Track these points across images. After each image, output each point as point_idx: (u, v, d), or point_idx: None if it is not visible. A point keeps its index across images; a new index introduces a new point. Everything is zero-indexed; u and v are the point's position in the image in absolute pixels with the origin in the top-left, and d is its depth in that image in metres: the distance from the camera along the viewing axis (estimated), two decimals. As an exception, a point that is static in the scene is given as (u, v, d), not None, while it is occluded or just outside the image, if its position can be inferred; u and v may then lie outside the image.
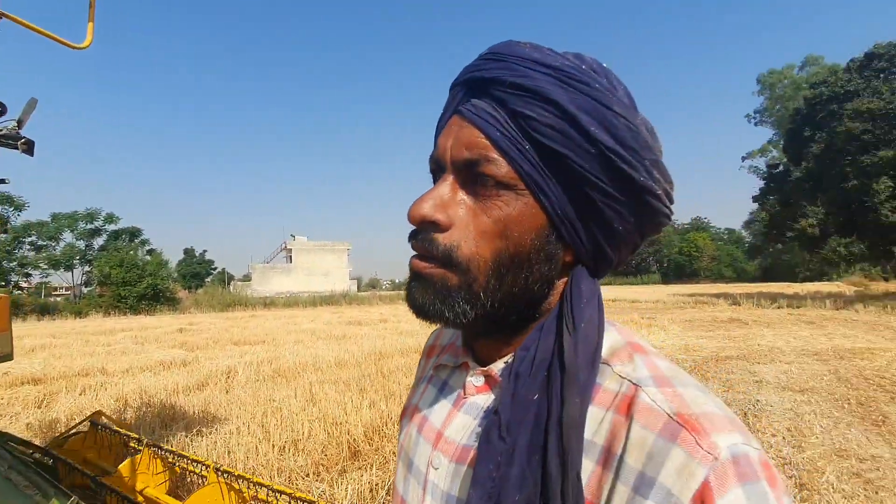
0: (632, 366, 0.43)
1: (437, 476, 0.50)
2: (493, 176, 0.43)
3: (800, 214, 22.78)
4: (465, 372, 0.54)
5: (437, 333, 0.69)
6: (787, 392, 5.48)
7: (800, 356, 7.60)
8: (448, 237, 0.44)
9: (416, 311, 0.46)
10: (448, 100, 0.49)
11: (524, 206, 0.43)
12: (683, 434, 0.36)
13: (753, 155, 50.17)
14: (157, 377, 6.84)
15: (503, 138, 0.43)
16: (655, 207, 0.45)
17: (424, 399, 0.59)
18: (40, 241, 32.21)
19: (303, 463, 3.65)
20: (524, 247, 0.44)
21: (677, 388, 0.40)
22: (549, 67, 0.42)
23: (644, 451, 0.36)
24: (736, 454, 0.34)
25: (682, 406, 0.38)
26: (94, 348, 10.19)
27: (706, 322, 12.86)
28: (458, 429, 0.51)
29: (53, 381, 6.76)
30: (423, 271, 0.45)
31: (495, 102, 0.44)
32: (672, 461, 0.35)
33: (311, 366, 7.52)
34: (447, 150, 0.46)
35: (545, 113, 0.41)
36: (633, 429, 0.38)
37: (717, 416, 0.37)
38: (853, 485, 3.18)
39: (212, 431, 4.32)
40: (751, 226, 58.63)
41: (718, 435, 0.35)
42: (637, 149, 0.42)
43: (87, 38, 1.98)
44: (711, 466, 0.34)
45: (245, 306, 29.08)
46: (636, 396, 0.40)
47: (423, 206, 0.45)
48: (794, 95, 41.72)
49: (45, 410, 5.25)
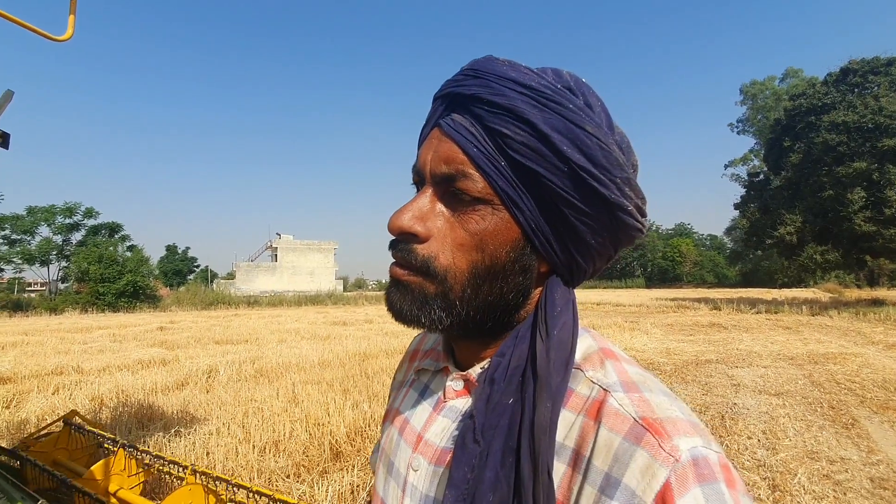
0: (603, 371, 0.45)
1: (416, 478, 0.51)
2: (470, 191, 0.44)
3: (779, 222, 23.25)
4: (446, 376, 0.55)
5: (421, 338, 0.70)
6: (763, 395, 5.60)
7: (776, 360, 7.77)
8: (426, 248, 0.46)
9: (395, 315, 0.48)
10: (430, 111, 0.51)
11: (499, 220, 0.45)
12: (647, 437, 0.37)
13: (736, 163, 51.14)
14: (136, 376, 6.70)
15: (479, 155, 0.44)
16: (627, 222, 0.47)
17: (406, 403, 0.61)
18: (14, 234, 31.28)
19: (283, 464, 3.61)
20: (499, 259, 0.45)
21: (644, 393, 0.41)
22: (525, 87, 0.43)
23: (610, 453, 0.38)
24: (696, 456, 0.36)
25: (647, 410, 0.39)
26: (70, 346, 9.94)
27: (687, 326, 13.07)
28: (437, 432, 0.52)
29: (24, 380, 6.57)
30: (402, 278, 0.47)
31: (473, 118, 0.45)
32: (636, 463, 0.36)
33: (295, 366, 7.45)
34: (427, 163, 0.48)
35: (519, 131, 0.43)
36: (601, 432, 0.39)
37: (680, 420, 0.39)
38: (823, 486, 3.26)
39: (190, 432, 4.25)
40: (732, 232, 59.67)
41: (680, 438, 0.37)
42: (608, 167, 0.44)
43: (68, 31, 1.94)
44: (672, 468, 0.35)
45: (228, 305, 28.70)
46: (605, 401, 0.41)
47: (402, 217, 0.46)
48: (775, 106, 42.68)
49: (14, 411, 5.10)
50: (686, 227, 75.35)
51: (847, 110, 20.75)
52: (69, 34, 1.91)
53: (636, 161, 0.49)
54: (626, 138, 0.48)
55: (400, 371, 0.72)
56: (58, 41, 1.88)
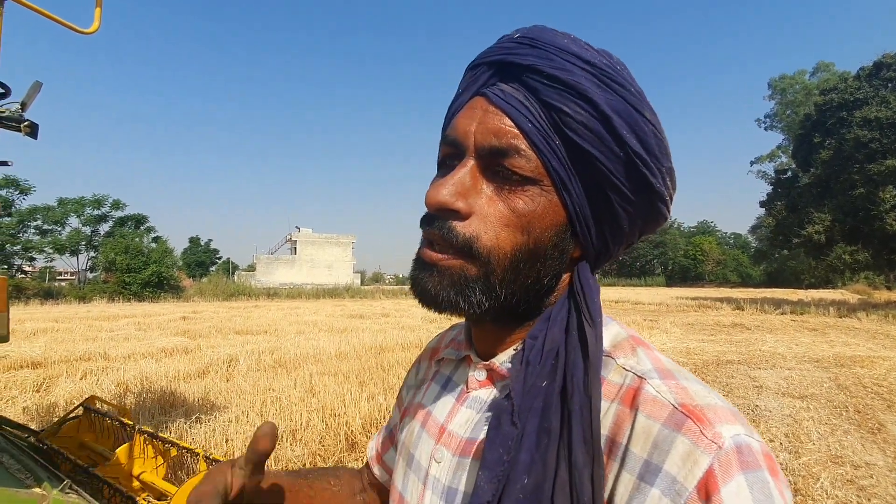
0: (635, 359, 0.44)
1: (438, 470, 0.50)
2: (521, 169, 0.42)
3: (806, 221, 22.62)
4: (468, 366, 0.54)
5: (441, 336, 0.69)
6: (786, 398, 5.47)
7: (801, 363, 7.57)
8: (468, 227, 0.43)
9: (427, 301, 0.45)
10: (467, 79, 0.48)
11: (548, 202, 0.43)
12: (688, 424, 0.36)
13: (762, 159, 49.82)
14: (159, 364, 6.88)
15: (535, 131, 0.42)
16: (662, 212, 0.47)
17: (427, 395, 0.59)
18: (46, 225, 32.36)
19: (300, 453, 3.67)
20: (543, 242, 0.44)
21: (681, 380, 0.41)
22: (588, 63, 0.42)
23: (650, 440, 0.37)
24: (739, 444, 0.35)
25: (686, 397, 0.38)
26: (97, 334, 10.25)
27: (709, 326, 12.81)
28: (461, 423, 0.51)
29: (54, 365, 6.81)
30: (441, 263, 0.44)
31: (528, 91, 0.43)
32: (677, 449, 0.35)
33: (312, 357, 7.56)
34: (470, 133, 0.44)
35: (580, 110, 0.41)
36: (639, 419, 0.39)
37: (720, 408, 0.38)
38: (847, 491, 3.18)
39: (210, 419, 4.34)
40: (757, 231, 58.27)
41: (722, 425, 0.36)
42: (659, 156, 0.43)
43: (95, 24, 1.98)
44: (716, 455, 0.34)
45: (248, 296, 29.20)
46: (641, 388, 0.40)
47: (442, 191, 0.43)
48: (804, 101, 41.36)
49: (44, 394, 5.29)
50: (709, 225, 73.73)
51: (880, 106, 19.99)
52: (96, 27, 1.95)
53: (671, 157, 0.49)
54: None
55: (415, 370, 0.70)
56: (85, 34, 1.93)
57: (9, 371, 6.42)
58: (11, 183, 29.55)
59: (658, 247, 64.20)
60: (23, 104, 1.66)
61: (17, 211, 30.74)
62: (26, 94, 1.69)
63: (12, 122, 1.60)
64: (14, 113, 1.61)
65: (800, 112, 37.97)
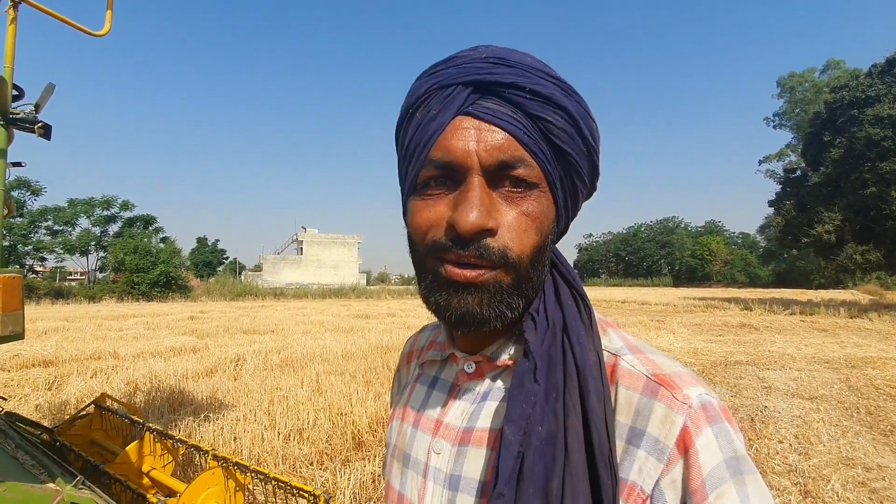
0: (607, 338, 0.51)
1: (439, 461, 0.52)
2: (528, 178, 0.46)
3: (816, 220, 22.40)
4: (454, 363, 0.57)
5: (413, 339, 0.72)
6: (795, 399, 5.42)
7: (811, 363, 7.50)
8: (499, 241, 0.45)
9: (471, 322, 0.46)
10: (438, 99, 0.47)
11: (547, 202, 0.49)
12: (662, 391, 0.43)
13: (771, 158, 49.44)
14: (168, 363, 6.95)
15: (531, 141, 0.46)
16: (595, 185, 0.55)
17: (415, 397, 0.61)
18: (56, 225, 32.73)
19: (307, 451, 3.70)
20: (547, 237, 0.50)
21: (648, 354, 0.48)
22: (554, 78, 0.48)
23: (631, 408, 0.44)
24: (704, 402, 0.43)
25: (655, 368, 0.46)
26: (107, 333, 10.36)
27: (716, 326, 12.73)
28: (457, 414, 0.53)
29: (65, 363, 6.89)
30: (478, 280, 0.45)
31: (514, 106, 0.46)
32: (655, 414, 0.43)
33: (319, 356, 7.59)
34: (471, 153, 0.45)
35: (559, 118, 0.47)
36: (620, 391, 0.45)
37: (684, 374, 0.45)
38: (858, 493, 3.14)
39: (219, 417, 4.38)
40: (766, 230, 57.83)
41: (688, 388, 0.43)
42: (597, 144, 0.52)
43: (106, 26, 2.01)
44: (687, 413, 0.42)
45: (255, 296, 29.38)
46: (617, 364, 0.47)
47: (475, 215, 0.43)
48: (814, 99, 40.99)
49: (56, 392, 5.36)
50: (717, 225, 73.20)
51: (893, 103, 19.76)
52: (107, 29, 1.98)
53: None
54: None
55: (397, 382, 0.72)
56: (96, 36, 1.95)
57: (21, 369, 6.51)
58: (23, 184, 29.91)
59: (665, 247, 63.85)
60: (36, 106, 1.68)
61: (29, 212, 31.11)
62: (40, 97, 1.71)
63: (27, 124, 1.62)
64: (28, 115, 1.63)
65: (809, 110, 37.63)
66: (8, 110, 1.54)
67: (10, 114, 1.56)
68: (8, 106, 1.54)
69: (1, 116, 1.52)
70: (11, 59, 1.58)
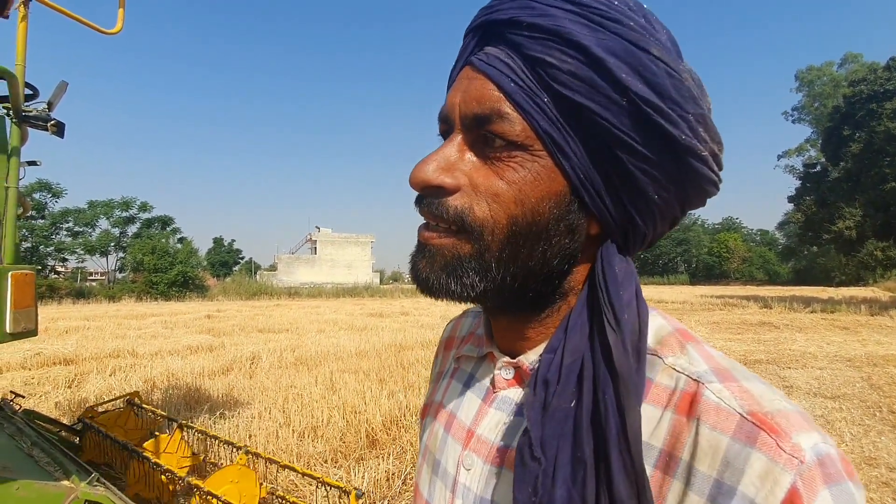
0: (686, 357, 0.39)
1: (469, 478, 0.46)
2: (506, 135, 0.38)
3: (837, 216, 21.92)
4: (491, 363, 0.50)
5: (454, 324, 0.65)
6: (817, 398, 5.29)
7: (832, 362, 7.32)
8: (458, 199, 0.40)
9: (420, 286, 0.42)
10: (461, 49, 0.44)
11: (541, 168, 0.38)
12: (762, 436, 0.32)
13: (790, 154, 48.46)
14: (185, 361, 7.03)
15: (517, 90, 0.37)
16: (700, 172, 0.39)
17: (449, 394, 0.55)
18: (77, 227, 33.47)
19: (321, 449, 3.70)
20: (542, 216, 0.39)
21: (742, 382, 0.36)
22: (573, 4, 0.36)
23: (718, 456, 0.33)
24: (820, 455, 0.32)
25: (753, 404, 0.34)
26: (126, 331, 10.54)
27: (735, 325, 12.49)
28: (490, 427, 0.47)
29: (85, 361, 7.02)
30: (432, 241, 0.41)
31: (510, 48, 0.38)
32: (753, 467, 0.32)
33: (333, 355, 7.62)
34: (455, 106, 0.41)
35: (566, 58, 0.36)
36: (702, 431, 0.34)
37: (791, 413, 0.34)
38: (882, 493, 3.05)
39: (234, 415, 4.42)
40: (785, 227, 56.65)
41: (799, 435, 0.32)
42: (679, 100, 0.36)
43: (118, 24, 2.02)
44: (798, 471, 0.31)
45: (270, 295, 29.67)
46: (699, 393, 0.36)
47: (426, 169, 0.40)
48: (833, 93, 40.15)
49: (76, 390, 5.46)
50: (734, 222, 72.01)
51: (915, 96, 19.23)
52: (119, 27, 1.99)
53: (710, 103, 0.40)
54: (696, 75, 0.39)
55: (436, 362, 0.65)
56: (109, 34, 1.96)
57: (42, 367, 6.65)
58: (44, 186, 30.65)
59: (681, 244, 62.96)
60: (49, 104, 1.70)
61: (50, 213, 31.86)
62: (52, 94, 1.73)
63: (40, 122, 1.63)
64: (41, 112, 1.65)
65: (828, 104, 36.84)
66: (21, 108, 1.55)
67: (23, 112, 1.58)
68: (21, 104, 1.55)
69: (14, 115, 1.54)
70: (23, 57, 1.59)
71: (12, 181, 1.53)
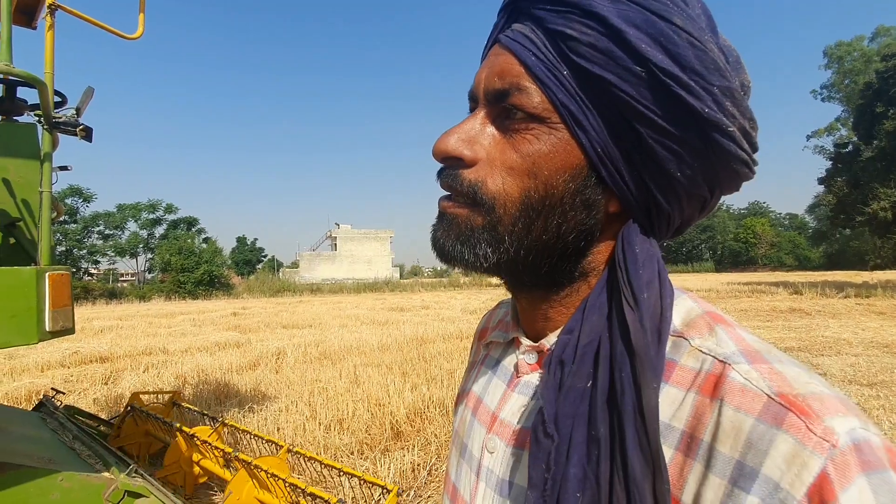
0: (714, 339, 0.37)
1: (492, 461, 0.47)
2: (525, 107, 0.38)
3: (871, 197, 21.08)
4: (517, 348, 0.50)
5: (489, 315, 0.66)
6: (853, 386, 5.13)
7: (868, 348, 7.08)
8: (473, 173, 0.41)
9: (438, 253, 0.43)
10: (492, 27, 0.45)
11: (557, 141, 0.38)
12: (790, 418, 0.30)
13: (820, 133, 46.69)
14: (213, 357, 7.23)
15: (538, 63, 0.38)
16: (727, 149, 0.37)
17: (478, 381, 0.56)
18: (107, 230, 34.61)
19: (347, 441, 3.77)
20: (556, 188, 0.39)
21: (774, 364, 0.34)
22: None
23: (741, 437, 0.31)
24: (857, 440, 0.29)
25: (783, 385, 0.32)
26: (157, 330, 10.89)
27: (763, 312, 12.18)
28: (513, 410, 0.47)
29: (119, 359, 7.29)
30: (448, 210, 0.43)
31: (534, 23, 0.39)
32: (778, 449, 0.30)
33: (356, 349, 7.72)
34: (481, 81, 0.42)
35: (586, 30, 0.36)
36: (725, 412, 0.33)
37: (826, 396, 0.31)
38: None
39: (262, 408, 4.53)
40: (815, 210, 54.93)
41: (833, 418, 0.30)
42: (702, 72, 0.35)
43: (139, 29, 2.07)
44: (829, 455, 0.28)
45: (293, 292, 30.19)
46: (725, 374, 0.34)
47: (448, 140, 0.41)
48: (864, 69, 38.40)
49: (112, 386, 5.67)
50: (761, 206, 70.02)
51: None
52: (140, 32, 2.04)
53: (748, 81, 0.39)
54: (734, 51, 0.39)
55: (471, 352, 0.66)
56: (130, 39, 2.02)
57: (80, 365, 6.92)
58: (75, 191, 31.74)
59: (706, 230, 61.58)
60: (77, 110, 1.76)
61: (82, 218, 33.00)
62: (80, 100, 1.79)
63: (69, 127, 1.69)
64: (70, 118, 1.70)
65: (859, 81, 35.30)
66: (51, 115, 1.61)
67: (53, 119, 1.64)
68: (51, 111, 1.61)
69: (45, 122, 1.60)
70: (51, 65, 1.65)
71: (46, 186, 1.59)
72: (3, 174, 1.61)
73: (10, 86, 1.79)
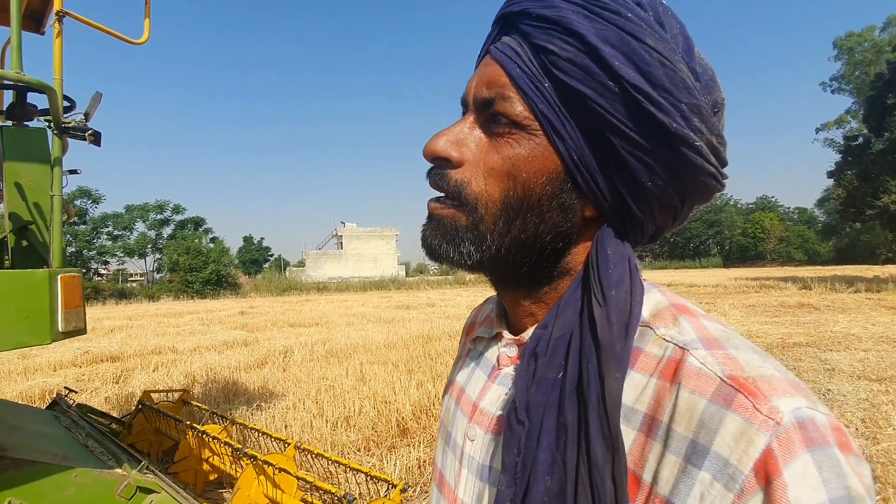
0: (677, 328, 0.39)
1: (473, 448, 0.50)
2: (508, 114, 0.42)
3: (882, 190, 20.80)
4: (500, 342, 0.54)
5: (477, 311, 0.68)
6: (862, 381, 5.09)
7: (878, 343, 7.01)
8: (459, 173, 0.44)
9: (427, 252, 0.47)
10: (485, 39, 0.49)
11: (536, 146, 0.41)
12: (739, 398, 0.32)
13: (829, 126, 46.16)
14: (221, 356, 7.30)
15: (521, 75, 0.41)
16: (694, 163, 0.39)
17: (462, 373, 0.59)
18: (116, 231, 34.96)
19: (354, 438, 3.80)
20: (534, 191, 0.42)
21: (730, 350, 0.36)
22: None
23: (694, 418, 0.34)
24: (801, 418, 0.31)
25: (735, 368, 0.34)
26: (166, 329, 11.01)
27: (772, 307, 12.10)
28: (492, 400, 0.50)
29: (129, 358, 7.38)
30: (436, 212, 0.46)
31: (521, 37, 0.43)
32: (727, 428, 0.32)
33: (362, 347, 7.77)
34: (471, 89, 0.46)
35: (567, 46, 0.39)
36: (681, 395, 0.35)
37: (776, 378, 0.33)
38: (936, 480, 2.93)
39: (270, 406, 4.58)
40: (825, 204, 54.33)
41: (779, 398, 0.32)
42: (671, 89, 0.37)
43: (145, 34, 2.10)
44: (773, 432, 0.30)
45: (300, 291, 30.32)
46: (683, 360, 0.36)
47: (437, 142, 0.45)
48: (875, 60, 37.88)
49: (122, 385, 5.75)
50: (770, 201, 69.29)
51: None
52: (145, 37, 2.07)
53: (721, 98, 0.42)
54: (710, 70, 0.41)
55: (459, 347, 0.70)
56: (136, 44, 2.05)
57: (91, 364, 7.02)
58: (85, 193, 32.06)
59: (713, 226, 61.11)
60: (86, 114, 1.79)
61: (91, 219, 33.34)
62: (88, 105, 1.82)
63: (78, 132, 1.73)
64: (79, 123, 1.74)
65: (870, 72, 34.82)
66: (61, 121, 1.64)
67: (63, 124, 1.67)
68: (61, 116, 1.64)
69: (55, 127, 1.63)
70: (60, 71, 1.69)
71: (56, 189, 1.63)
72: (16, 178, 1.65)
73: (20, 92, 1.83)
